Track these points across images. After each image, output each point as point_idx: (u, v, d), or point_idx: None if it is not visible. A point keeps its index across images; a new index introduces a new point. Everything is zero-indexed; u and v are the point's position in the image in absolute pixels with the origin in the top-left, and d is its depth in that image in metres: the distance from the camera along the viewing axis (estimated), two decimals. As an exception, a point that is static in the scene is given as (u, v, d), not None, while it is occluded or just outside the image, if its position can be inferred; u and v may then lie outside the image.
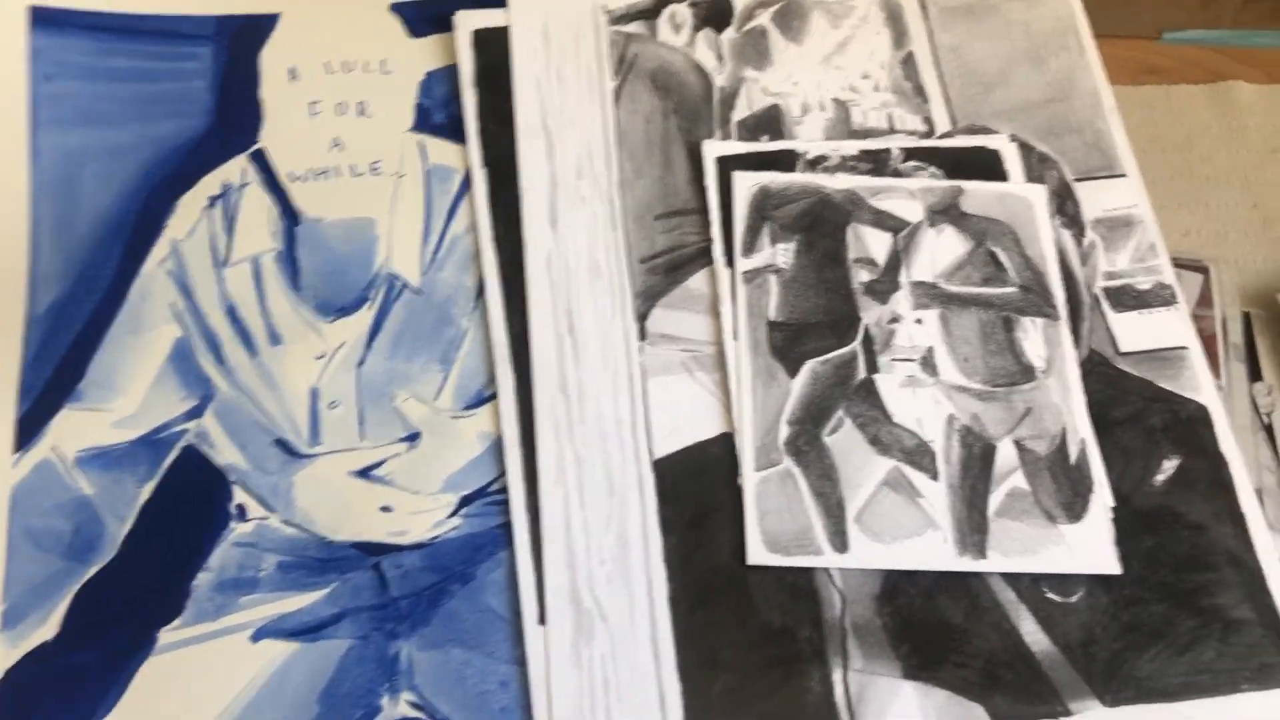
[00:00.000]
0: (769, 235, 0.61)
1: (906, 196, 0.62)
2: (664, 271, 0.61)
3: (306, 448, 0.56)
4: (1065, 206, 0.63)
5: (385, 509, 0.55)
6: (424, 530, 0.55)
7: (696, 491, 0.55)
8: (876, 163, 0.64)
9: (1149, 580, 0.54)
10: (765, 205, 0.62)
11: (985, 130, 0.66)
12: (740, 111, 0.66)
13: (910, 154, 0.64)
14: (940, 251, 0.61)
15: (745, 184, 0.62)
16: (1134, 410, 0.58)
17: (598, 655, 0.52)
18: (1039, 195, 0.63)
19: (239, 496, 0.55)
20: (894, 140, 0.65)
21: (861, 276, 0.60)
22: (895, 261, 0.61)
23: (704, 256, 0.61)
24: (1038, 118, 0.66)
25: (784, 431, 0.56)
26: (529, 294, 0.59)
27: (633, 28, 0.67)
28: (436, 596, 0.53)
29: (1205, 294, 0.66)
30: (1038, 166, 0.65)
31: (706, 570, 0.54)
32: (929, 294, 0.60)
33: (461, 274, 0.61)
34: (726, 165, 0.63)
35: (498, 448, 0.56)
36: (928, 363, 0.58)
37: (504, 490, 0.55)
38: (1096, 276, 0.62)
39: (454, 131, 0.64)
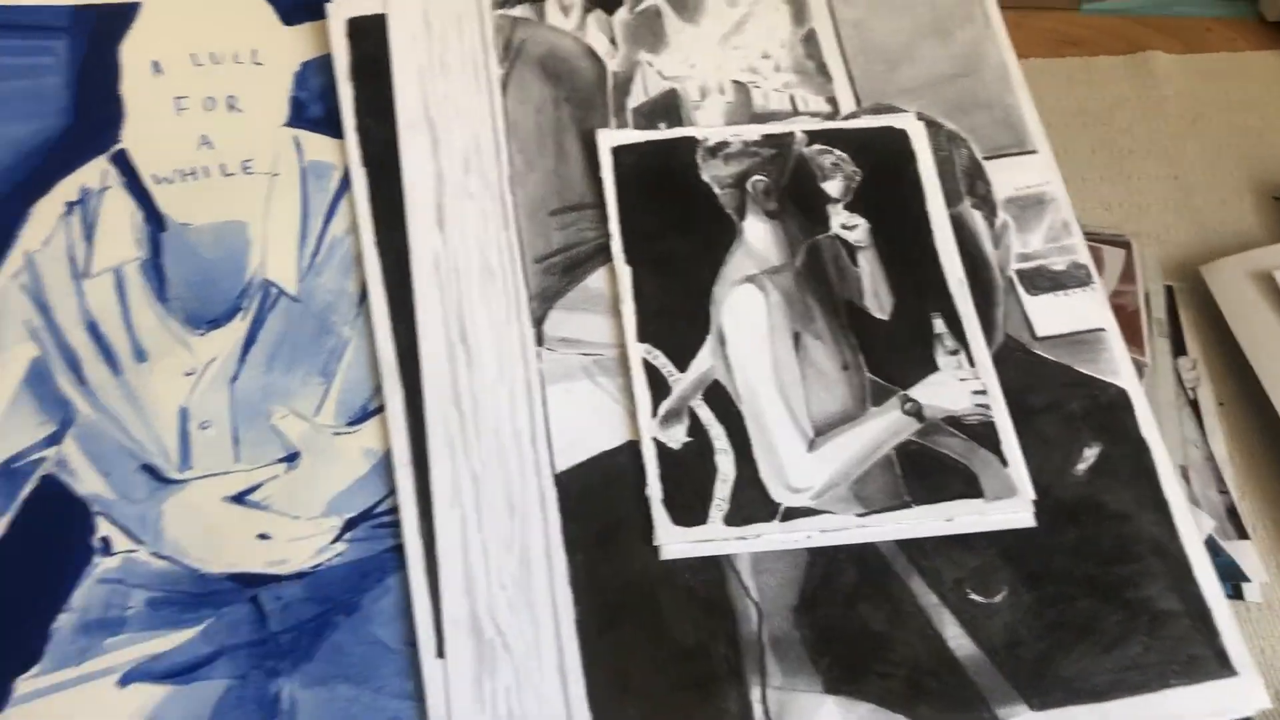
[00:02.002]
0: None
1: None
2: (561, 271, 0.57)
3: (176, 472, 0.52)
4: (976, 187, 0.61)
5: (263, 536, 0.51)
6: (305, 558, 0.51)
7: (603, 505, 0.52)
8: (780, 148, 0.61)
9: (1073, 575, 0.52)
10: None
11: (891, 109, 0.63)
12: (636, 97, 0.62)
13: (814, 137, 0.61)
14: None
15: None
16: (1052, 397, 0.56)
17: (501, 688, 0.48)
18: None
19: (103, 528, 0.51)
20: (797, 123, 0.62)
21: None
22: None
23: (603, 253, 0.58)
24: (945, 94, 0.64)
25: None
26: (416, 300, 0.56)
27: (519, 11, 0.64)
28: (320, 629, 0.49)
29: (1128, 269, 0.65)
30: (946, 145, 0.62)
31: (615, 590, 0.50)
32: None
33: (342, 279, 0.57)
34: (623, 155, 0.60)
35: (384, 466, 0.52)
36: None
37: (391, 511, 0.51)
38: (1010, 259, 0.59)
39: (332, 125, 0.60)
